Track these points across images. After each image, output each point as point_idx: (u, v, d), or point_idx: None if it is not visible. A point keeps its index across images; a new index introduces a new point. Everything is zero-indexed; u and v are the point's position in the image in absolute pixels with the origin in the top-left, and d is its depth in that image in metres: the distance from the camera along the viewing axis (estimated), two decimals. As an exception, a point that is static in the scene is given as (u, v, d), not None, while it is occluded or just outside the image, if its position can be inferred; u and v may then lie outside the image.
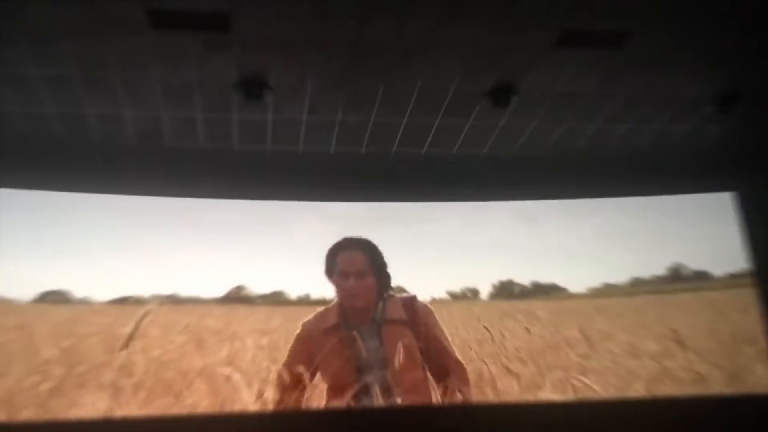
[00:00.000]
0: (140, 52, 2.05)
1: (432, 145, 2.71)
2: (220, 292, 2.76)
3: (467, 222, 3.02)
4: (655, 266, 2.97)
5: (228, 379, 2.35)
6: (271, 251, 2.83)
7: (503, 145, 2.74)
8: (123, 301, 2.61)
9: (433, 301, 2.65)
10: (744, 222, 2.83)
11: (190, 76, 2.20)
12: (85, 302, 2.65)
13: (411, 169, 2.81)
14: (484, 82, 2.33)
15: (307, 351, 2.29)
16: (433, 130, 2.62)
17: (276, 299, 2.83)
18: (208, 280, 2.71)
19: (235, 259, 2.78)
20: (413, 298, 2.42)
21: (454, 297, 2.92)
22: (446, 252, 2.95)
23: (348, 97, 2.36)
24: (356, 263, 2.38)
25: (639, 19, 2.02)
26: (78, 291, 2.64)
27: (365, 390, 2.21)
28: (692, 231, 2.94)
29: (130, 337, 2.38)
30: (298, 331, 2.35)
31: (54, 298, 2.65)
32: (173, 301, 2.63)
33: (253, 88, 2.24)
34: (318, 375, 2.27)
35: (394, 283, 2.42)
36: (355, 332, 2.31)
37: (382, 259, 2.45)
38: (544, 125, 2.62)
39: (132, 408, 2.27)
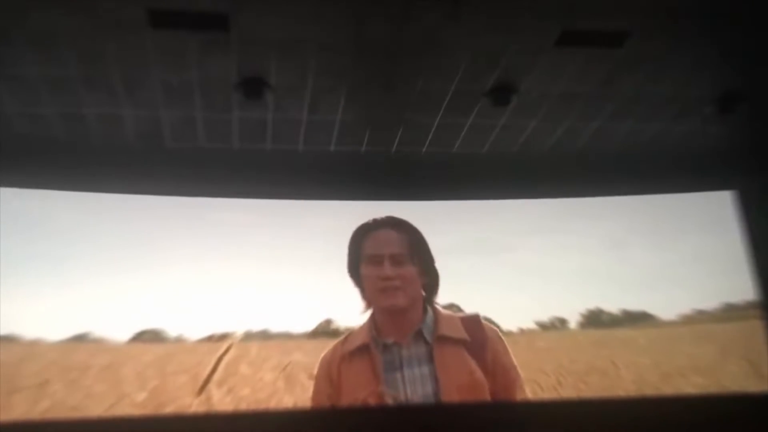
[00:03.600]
0: (140, 51, 2.05)
1: (432, 144, 2.71)
2: (310, 326, 2.55)
3: (551, 250, 2.87)
4: (744, 290, 2.77)
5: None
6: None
7: (503, 144, 2.74)
8: (212, 338, 2.50)
9: (522, 331, 2.47)
10: (744, 222, 2.83)
11: (190, 76, 2.20)
12: (179, 340, 2.54)
13: (411, 168, 2.81)
14: (484, 82, 2.33)
15: (328, 390, 1.71)
16: (433, 129, 2.62)
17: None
18: (298, 313, 2.54)
19: (325, 291, 2.57)
20: (477, 317, 1.80)
21: (543, 327, 2.71)
22: (531, 281, 2.75)
23: (348, 96, 2.36)
24: (391, 243, 1.78)
25: (639, 19, 2.01)
26: (172, 329, 2.54)
27: None
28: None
29: (208, 379, 2.26)
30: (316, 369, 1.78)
31: (149, 337, 2.55)
32: (264, 336, 2.48)
33: (253, 87, 2.24)
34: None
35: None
36: (394, 349, 1.65)
37: (426, 247, 1.84)
38: (544, 125, 2.62)
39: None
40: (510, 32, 2.06)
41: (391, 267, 1.74)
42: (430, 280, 1.78)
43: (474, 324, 1.77)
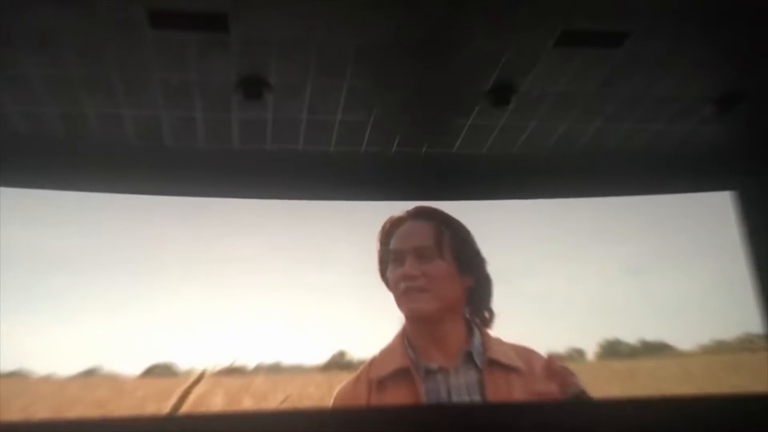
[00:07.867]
0: (140, 51, 2.05)
1: (432, 144, 2.71)
2: (323, 358, 2.49)
3: (567, 277, 2.78)
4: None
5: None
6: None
7: (503, 144, 2.74)
8: (219, 372, 2.45)
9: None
10: (744, 222, 2.83)
11: (190, 76, 2.20)
12: (189, 374, 2.45)
13: (411, 169, 2.81)
14: (484, 82, 2.33)
15: None
16: (433, 130, 2.62)
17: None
18: (311, 346, 2.45)
19: (337, 322, 2.47)
20: (531, 350, 1.48)
21: (560, 358, 2.47)
22: (547, 309, 2.65)
23: (348, 96, 2.36)
24: (415, 235, 1.49)
25: (639, 19, 2.02)
26: (182, 363, 2.46)
27: None
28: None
29: (173, 413, 2.21)
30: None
31: (160, 371, 2.48)
32: (274, 370, 2.43)
33: (252, 87, 2.24)
34: None
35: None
36: (439, 377, 1.33)
37: (465, 239, 1.50)
38: (544, 125, 2.62)
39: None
40: (510, 32, 2.06)
41: (414, 264, 1.43)
42: (476, 284, 1.43)
43: (528, 355, 1.47)
